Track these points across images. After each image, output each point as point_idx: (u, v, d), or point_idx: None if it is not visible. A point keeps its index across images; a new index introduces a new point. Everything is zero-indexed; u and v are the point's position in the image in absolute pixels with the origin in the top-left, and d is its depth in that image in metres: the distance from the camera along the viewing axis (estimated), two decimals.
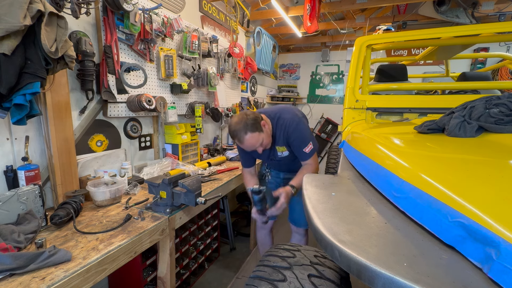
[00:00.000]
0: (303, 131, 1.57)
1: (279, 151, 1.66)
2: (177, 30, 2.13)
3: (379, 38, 1.80)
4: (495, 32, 1.62)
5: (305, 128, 1.60)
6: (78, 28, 1.53)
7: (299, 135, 1.56)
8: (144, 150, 2.12)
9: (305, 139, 1.56)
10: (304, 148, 1.57)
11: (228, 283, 2.23)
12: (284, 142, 1.61)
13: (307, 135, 1.58)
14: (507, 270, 0.37)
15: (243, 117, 1.45)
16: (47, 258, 0.89)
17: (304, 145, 1.57)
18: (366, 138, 1.08)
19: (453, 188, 0.51)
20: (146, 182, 1.46)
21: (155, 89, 2.13)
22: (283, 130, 1.57)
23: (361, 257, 0.49)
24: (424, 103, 1.57)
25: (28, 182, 1.26)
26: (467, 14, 3.30)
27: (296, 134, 1.56)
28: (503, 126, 0.78)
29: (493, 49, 4.21)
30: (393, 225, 0.60)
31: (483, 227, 0.42)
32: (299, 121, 1.58)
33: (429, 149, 0.80)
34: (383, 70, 2.45)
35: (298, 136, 1.56)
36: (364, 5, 3.43)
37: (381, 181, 0.77)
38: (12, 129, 1.30)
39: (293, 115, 1.59)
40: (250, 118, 1.45)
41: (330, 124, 5.18)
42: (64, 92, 1.41)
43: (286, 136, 1.58)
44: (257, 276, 0.76)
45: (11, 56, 1.00)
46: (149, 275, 1.80)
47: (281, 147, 1.64)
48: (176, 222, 1.42)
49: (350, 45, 5.10)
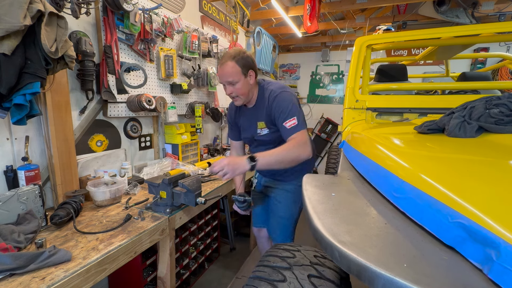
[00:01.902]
0: (286, 101, 1.35)
1: (259, 127, 1.49)
2: (177, 30, 2.13)
3: (379, 38, 1.80)
4: (495, 32, 1.61)
5: (290, 99, 1.37)
6: (78, 28, 1.53)
7: (281, 104, 1.35)
8: (144, 150, 2.12)
9: (287, 110, 1.33)
10: (286, 122, 1.32)
11: (228, 283, 2.23)
12: (266, 114, 1.43)
13: (292, 107, 1.34)
14: (507, 271, 0.37)
15: (241, 51, 1.38)
16: (47, 258, 0.89)
17: (285, 118, 1.33)
18: (366, 138, 1.08)
19: (453, 189, 0.51)
20: (146, 182, 1.46)
21: (155, 89, 2.13)
22: (267, 99, 1.41)
23: (361, 258, 0.49)
24: (424, 103, 1.56)
25: (28, 182, 1.26)
26: (467, 14, 3.30)
27: (277, 103, 1.36)
28: (503, 126, 0.78)
29: (493, 49, 4.21)
30: (393, 226, 0.60)
31: (483, 228, 0.42)
32: (284, 91, 1.40)
33: (429, 149, 0.80)
34: (383, 70, 2.45)
35: (279, 104, 1.35)
36: (364, 5, 3.43)
37: (381, 181, 0.77)
38: (12, 129, 1.30)
39: (281, 87, 1.43)
40: (245, 55, 1.36)
41: (330, 124, 5.19)
42: (64, 92, 1.41)
43: (268, 107, 1.40)
44: (257, 276, 0.76)
45: (11, 56, 1.00)
46: (149, 275, 1.80)
47: (262, 122, 1.46)
48: (176, 222, 1.42)
49: (350, 45, 5.09)
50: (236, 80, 1.36)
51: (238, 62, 1.34)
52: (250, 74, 1.39)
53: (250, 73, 1.39)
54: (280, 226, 1.62)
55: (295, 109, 1.35)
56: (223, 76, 1.38)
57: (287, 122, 1.32)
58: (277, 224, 1.64)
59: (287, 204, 1.60)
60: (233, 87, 1.38)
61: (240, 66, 1.35)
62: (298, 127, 1.32)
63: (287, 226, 1.62)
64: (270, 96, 1.40)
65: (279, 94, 1.38)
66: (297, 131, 1.31)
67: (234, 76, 1.35)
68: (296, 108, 1.36)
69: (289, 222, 1.61)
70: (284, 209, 1.60)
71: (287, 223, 1.61)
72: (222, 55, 1.37)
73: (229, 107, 1.68)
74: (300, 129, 1.33)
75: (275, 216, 1.64)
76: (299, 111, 1.36)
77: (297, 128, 1.32)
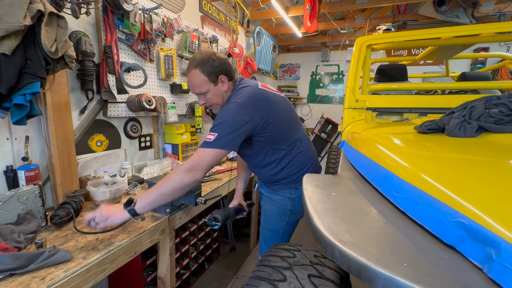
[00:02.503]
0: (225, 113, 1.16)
1: None
2: (177, 30, 2.13)
3: (379, 38, 1.80)
4: (495, 32, 1.62)
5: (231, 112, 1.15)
6: (78, 28, 1.53)
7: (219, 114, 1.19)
8: (144, 150, 2.12)
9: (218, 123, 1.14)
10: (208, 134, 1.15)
11: (228, 283, 2.23)
12: None
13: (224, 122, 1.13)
14: (507, 270, 0.37)
15: (207, 55, 1.19)
16: (47, 258, 0.89)
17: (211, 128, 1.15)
18: (366, 138, 1.08)
19: (453, 188, 0.51)
20: (146, 182, 1.46)
21: (155, 89, 2.13)
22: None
23: (361, 257, 0.49)
24: (424, 103, 1.57)
25: (28, 182, 1.26)
26: (467, 14, 3.30)
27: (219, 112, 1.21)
28: (503, 126, 0.78)
29: (493, 49, 4.21)
30: (393, 225, 0.60)
31: (483, 227, 0.42)
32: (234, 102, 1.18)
33: (429, 149, 0.80)
34: (383, 70, 2.45)
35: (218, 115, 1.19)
36: (364, 5, 3.43)
37: (381, 181, 0.77)
38: (12, 129, 1.30)
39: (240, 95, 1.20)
40: (211, 60, 1.18)
41: (330, 124, 5.19)
42: (64, 92, 1.41)
43: None
44: (257, 276, 0.76)
45: (11, 56, 1.00)
46: (149, 275, 1.80)
47: None
48: (176, 222, 1.42)
49: (350, 45, 5.10)
50: (205, 90, 1.22)
51: (204, 70, 1.18)
52: (221, 79, 1.23)
53: (221, 79, 1.23)
54: (265, 237, 1.51)
55: (225, 126, 1.13)
56: (191, 87, 1.25)
57: (208, 134, 1.15)
58: (262, 235, 1.53)
59: (272, 216, 1.44)
60: (204, 97, 1.25)
61: (205, 75, 1.19)
62: (209, 144, 1.12)
63: (273, 239, 1.46)
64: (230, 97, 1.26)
65: (227, 104, 1.21)
66: (203, 147, 1.13)
67: (201, 87, 1.22)
68: (228, 125, 1.13)
69: (275, 235, 1.46)
70: (269, 221, 1.46)
71: (272, 236, 1.47)
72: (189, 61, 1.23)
73: None
74: (209, 146, 1.11)
75: (262, 226, 1.53)
76: (229, 129, 1.12)
77: (207, 144, 1.12)
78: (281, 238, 1.47)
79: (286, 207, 1.40)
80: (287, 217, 1.42)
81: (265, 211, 1.49)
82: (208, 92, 1.23)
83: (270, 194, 1.45)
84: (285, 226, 1.44)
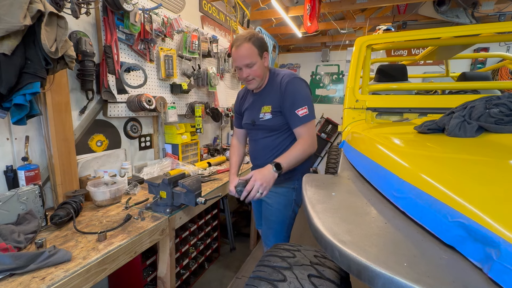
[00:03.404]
0: (300, 88, 1.34)
1: (262, 111, 1.43)
2: (177, 30, 2.13)
3: (379, 38, 1.80)
4: (495, 32, 1.62)
5: (303, 86, 1.37)
6: (78, 28, 1.53)
7: (294, 90, 1.33)
8: (144, 150, 2.12)
9: (301, 98, 1.33)
10: (298, 110, 1.31)
11: (228, 283, 2.23)
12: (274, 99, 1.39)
13: (305, 95, 1.34)
14: (507, 270, 0.37)
15: (255, 32, 1.35)
16: (47, 258, 0.89)
17: (298, 105, 1.32)
18: (366, 138, 1.08)
19: (453, 188, 0.51)
20: (146, 182, 1.46)
21: (155, 89, 2.13)
22: (279, 83, 1.38)
23: (361, 257, 0.49)
24: (424, 103, 1.57)
25: (28, 182, 1.26)
26: (467, 14, 3.30)
27: (290, 88, 1.34)
28: (503, 126, 0.78)
29: (493, 49, 4.21)
30: (393, 225, 0.60)
31: (483, 227, 0.42)
32: (297, 77, 1.38)
33: (429, 149, 0.80)
34: (383, 70, 2.45)
35: (292, 90, 1.33)
36: (364, 5, 3.43)
37: (381, 181, 0.77)
38: (12, 129, 1.30)
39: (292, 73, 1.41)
40: (260, 36, 1.34)
41: (330, 124, 5.19)
42: (64, 92, 1.41)
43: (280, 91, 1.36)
44: (257, 276, 0.76)
45: (11, 56, 1.00)
46: (149, 275, 1.80)
47: (267, 106, 1.41)
48: (176, 222, 1.42)
49: (350, 45, 5.10)
50: (253, 62, 1.33)
51: (254, 43, 1.31)
52: (264, 56, 1.37)
53: (264, 55, 1.37)
54: (273, 231, 1.54)
55: (307, 98, 1.34)
56: (240, 58, 1.33)
57: (299, 110, 1.32)
58: (269, 229, 1.55)
59: (279, 209, 1.50)
60: (250, 69, 1.34)
61: (256, 47, 1.32)
62: (309, 116, 1.33)
63: (279, 231, 1.53)
64: (282, 80, 1.37)
65: (292, 80, 1.36)
66: (307, 121, 1.33)
67: (251, 58, 1.32)
68: (308, 97, 1.35)
69: (281, 227, 1.52)
70: (276, 214, 1.51)
71: (279, 228, 1.52)
72: (235, 38, 1.34)
73: (238, 95, 1.67)
74: (311, 119, 1.34)
75: (267, 220, 1.56)
76: (310, 100, 1.36)
77: (307, 117, 1.32)
78: (287, 229, 1.55)
79: (291, 197, 1.49)
80: (291, 206, 1.51)
81: (270, 205, 1.52)
82: (255, 64, 1.33)
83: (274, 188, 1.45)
84: (290, 215, 1.53)
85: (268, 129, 1.46)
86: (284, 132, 1.44)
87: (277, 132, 1.44)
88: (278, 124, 1.41)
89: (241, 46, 1.31)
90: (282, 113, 1.39)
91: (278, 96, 1.37)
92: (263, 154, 1.51)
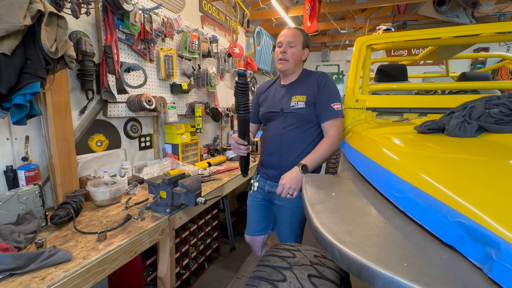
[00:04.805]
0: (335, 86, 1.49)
1: (294, 100, 1.47)
2: (177, 30, 2.13)
3: (379, 38, 1.80)
4: (495, 32, 1.62)
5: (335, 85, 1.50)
6: (78, 28, 1.53)
7: (331, 85, 1.46)
8: (144, 150, 2.12)
9: (337, 94, 1.46)
10: (333, 104, 1.43)
11: (228, 283, 2.23)
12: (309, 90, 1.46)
13: (338, 93, 1.48)
14: (507, 270, 0.37)
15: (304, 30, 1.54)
16: (47, 258, 0.89)
17: (334, 99, 1.44)
18: (366, 138, 1.08)
19: (453, 188, 0.51)
20: (146, 182, 1.46)
21: (155, 89, 2.13)
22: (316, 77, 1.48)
23: (361, 257, 0.49)
24: (424, 103, 1.57)
25: (28, 182, 1.26)
26: (467, 14, 3.30)
27: (329, 85, 1.46)
28: (503, 126, 0.78)
29: (493, 49, 4.22)
30: (393, 225, 0.60)
31: (483, 227, 0.42)
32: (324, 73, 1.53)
33: (429, 149, 0.80)
34: (383, 70, 2.46)
35: (330, 87, 1.45)
36: (364, 5, 3.43)
37: (381, 181, 0.77)
38: (12, 129, 1.30)
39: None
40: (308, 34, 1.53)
41: None
42: (64, 92, 1.41)
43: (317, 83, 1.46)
44: (257, 276, 0.76)
45: (11, 56, 1.00)
46: (149, 275, 1.80)
47: (301, 96, 1.47)
48: (176, 222, 1.42)
49: (350, 45, 5.10)
50: (296, 43, 1.45)
51: (303, 34, 1.48)
52: (305, 50, 1.51)
53: (305, 50, 1.51)
54: (293, 233, 1.57)
55: (339, 96, 1.48)
56: (286, 35, 1.46)
57: (335, 104, 1.43)
58: (289, 231, 1.57)
59: (297, 211, 1.51)
60: (289, 48, 1.46)
61: (303, 37, 1.47)
62: (341, 112, 1.46)
63: (297, 229, 1.58)
64: (320, 76, 1.49)
65: (329, 77, 1.51)
66: (340, 116, 1.44)
67: (296, 39, 1.45)
68: (338, 95, 1.48)
69: (298, 226, 1.57)
70: (296, 215, 1.52)
71: (296, 226, 1.56)
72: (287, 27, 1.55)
73: (258, 89, 1.73)
74: (343, 115, 1.47)
75: (284, 223, 1.56)
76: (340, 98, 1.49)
77: (341, 113, 1.45)
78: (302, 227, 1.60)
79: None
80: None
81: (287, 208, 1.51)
82: (295, 47, 1.46)
83: None
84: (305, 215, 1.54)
85: (298, 118, 1.46)
86: (310, 127, 1.49)
87: (304, 123, 1.47)
88: (309, 115, 1.46)
89: (291, 29, 1.49)
90: (316, 105, 1.45)
91: (315, 88, 1.46)
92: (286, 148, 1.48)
